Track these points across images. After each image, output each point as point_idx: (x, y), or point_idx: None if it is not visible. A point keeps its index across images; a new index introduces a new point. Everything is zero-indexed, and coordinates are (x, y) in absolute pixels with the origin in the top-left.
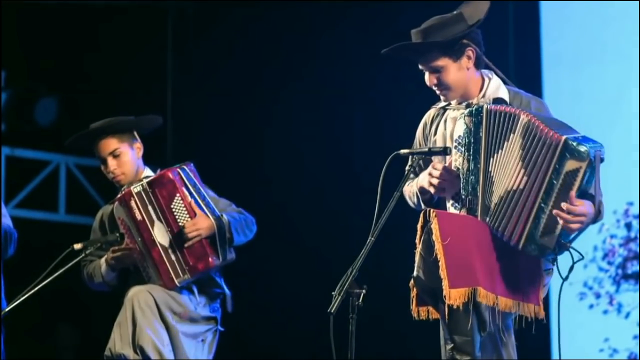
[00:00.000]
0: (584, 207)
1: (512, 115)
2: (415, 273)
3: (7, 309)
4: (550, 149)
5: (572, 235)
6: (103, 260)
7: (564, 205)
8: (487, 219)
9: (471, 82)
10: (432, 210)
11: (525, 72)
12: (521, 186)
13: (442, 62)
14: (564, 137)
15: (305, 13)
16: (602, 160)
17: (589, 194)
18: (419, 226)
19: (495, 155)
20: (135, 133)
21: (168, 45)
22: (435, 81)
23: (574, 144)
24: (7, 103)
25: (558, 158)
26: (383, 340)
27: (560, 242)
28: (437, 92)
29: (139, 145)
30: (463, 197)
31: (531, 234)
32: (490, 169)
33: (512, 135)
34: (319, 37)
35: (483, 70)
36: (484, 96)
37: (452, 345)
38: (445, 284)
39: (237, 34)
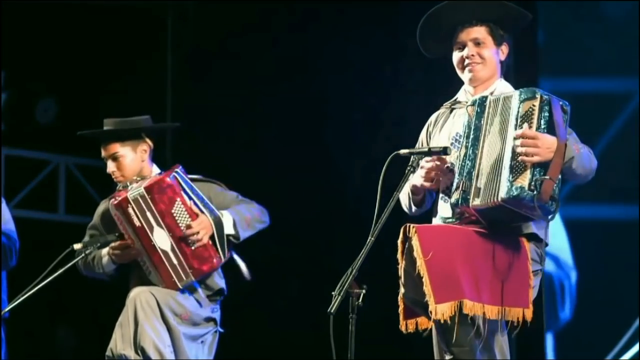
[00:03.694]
0: (541, 135)
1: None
2: (402, 290)
3: (7, 309)
4: (510, 102)
5: (543, 171)
6: (105, 251)
7: (519, 133)
8: (478, 200)
9: (494, 76)
10: (411, 226)
11: (524, 72)
12: (499, 152)
13: (486, 39)
14: (519, 90)
15: (305, 13)
16: (564, 110)
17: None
18: (399, 242)
19: (488, 139)
20: (144, 134)
21: (168, 45)
22: (473, 52)
23: (525, 89)
24: (7, 103)
25: (516, 105)
26: (383, 340)
27: (534, 180)
28: (468, 66)
29: (145, 147)
30: (456, 182)
31: (507, 182)
32: (484, 154)
33: (496, 117)
34: (319, 37)
35: None
36: (492, 94)
37: (451, 357)
38: (430, 300)
39: (237, 34)
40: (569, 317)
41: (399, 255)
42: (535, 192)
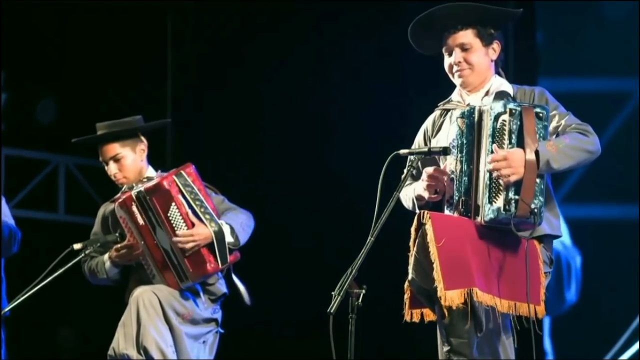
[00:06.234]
0: (509, 154)
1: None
2: (410, 276)
3: (7, 309)
4: (483, 119)
5: (516, 190)
6: (107, 256)
7: (488, 157)
8: (479, 218)
9: (487, 76)
10: (426, 212)
11: (522, 71)
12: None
13: (473, 41)
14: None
15: (306, 12)
16: (539, 117)
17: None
18: (412, 229)
19: (482, 154)
20: (140, 134)
21: (168, 45)
22: (460, 59)
23: (496, 101)
24: (7, 103)
25: (490, 123)
26: (383, 340)
27: (508, 200)
28: (457, 72)
29: (142, 147)
30: (456, 199)
31: (487, 205)
32: (480, 169)
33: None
34: (320, 35)
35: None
36: (487, 92)
37: (448, 347)
38: (440, 286)
39: (237, 34)
40: (575, 299)
41: (411, 243)
42: (511, 212)
